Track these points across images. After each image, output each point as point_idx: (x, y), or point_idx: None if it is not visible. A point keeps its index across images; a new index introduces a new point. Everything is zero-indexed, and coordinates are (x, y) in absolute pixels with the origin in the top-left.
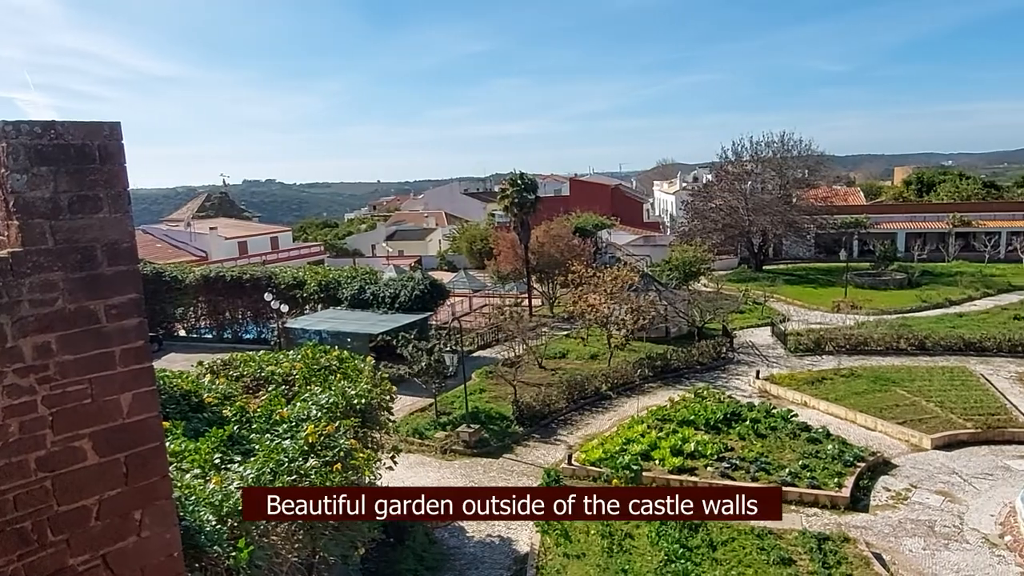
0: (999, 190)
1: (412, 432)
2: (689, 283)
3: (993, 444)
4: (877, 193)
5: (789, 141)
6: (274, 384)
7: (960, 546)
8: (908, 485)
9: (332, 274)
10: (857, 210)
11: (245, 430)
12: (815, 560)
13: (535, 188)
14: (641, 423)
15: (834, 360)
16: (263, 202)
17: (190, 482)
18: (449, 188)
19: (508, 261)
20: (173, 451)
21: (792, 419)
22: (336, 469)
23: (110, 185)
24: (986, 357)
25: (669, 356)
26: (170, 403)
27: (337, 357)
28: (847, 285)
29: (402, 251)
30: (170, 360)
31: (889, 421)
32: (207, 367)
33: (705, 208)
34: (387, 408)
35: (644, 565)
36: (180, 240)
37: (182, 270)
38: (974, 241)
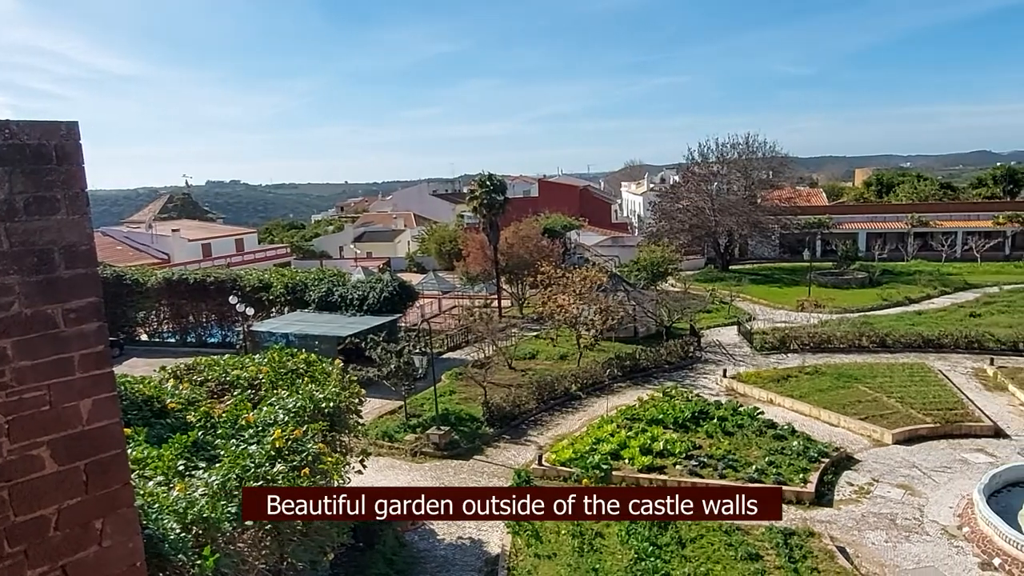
0: (955, 191)
1: (381, 435)
2: (657, 283)
3: (951, 438)
4: (839, 194)
5: (754, 143)
6: (240, 388)
7: (920, 538)
8: (870, 479)
9: (299, 276)
10: (820, 211)
11: (210, 436)
12: (781, 555)
13: (504, 189)
14: (611, 423)
15: (799, 358)
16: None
17: (153, 490)
18: (418, 189)
19: (477, 262)
20: (135, 458)
21: (758, 417)
22: (304, 474)
23: (68, 186)
24: (944, 354)
25: (638, 356)
26: (132, 409)
27: (304, 360)
28: (811, 284)
29: (370, 253)
30: (132, 365)
31: (852, 417)
32: (170, 372)
33: (672, 209)
34: (356, 411)
35: (615, 564)
36: (141, 242)
37: (143, 273)
38: (932, 241)
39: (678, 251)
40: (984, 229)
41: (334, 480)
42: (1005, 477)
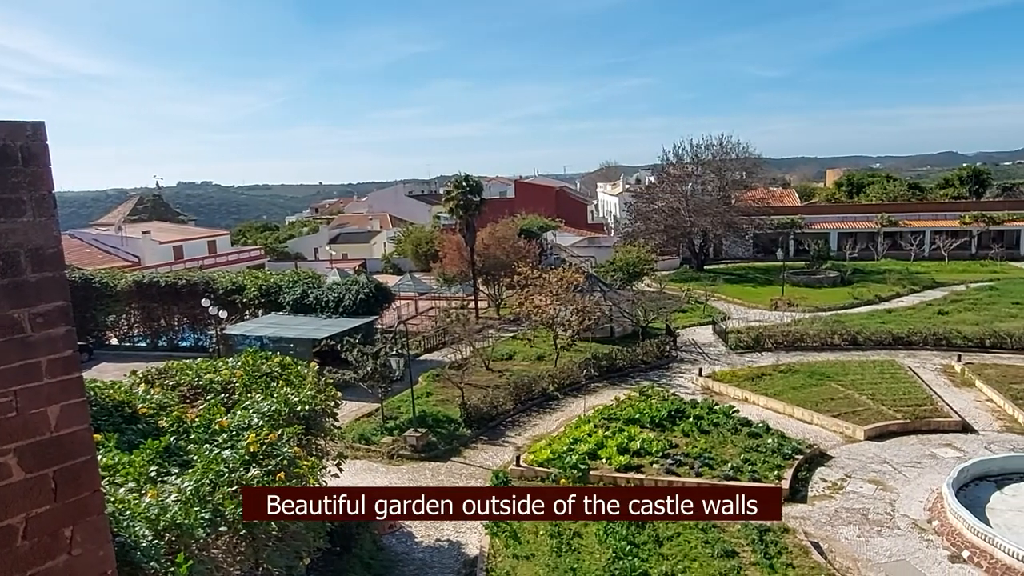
0: (923, 191)
1: (358, 438)
2: (633, 283)
3: (921, 433)
4: (811, 194)
5: (727, 144)
6: (213, 393)
7: (892, 532)
8: (843, 475)
9: (273, 278)
10: (792, 211)
11: (183, 441)
12: (757, 551)
13: (480, 190)
14: (588, 422)
15: (773, 356)
16: (199, 205)
17: (124, 496)
18: (394, 190)
19: (454, 263)
20: (105, 464)
21: (734, 415)
22: (279, 478)
23: (34, 188)
24: (913, 351)
25: (614, 356)
26: (102, 415)
27: (279, 363)
28: (784, 283)
29: (346, 254)
30: (101, 370)
31: (825, 414)
32: (141, 376)
33: (648, 209)
34: (332, 414)
35: (593, 563)
36: (111, 245)
37: (113, 276)
38: (901, 240)
39: (653, 251)
40: (951, 228)
41: (310, 484)
42: (973, 471)
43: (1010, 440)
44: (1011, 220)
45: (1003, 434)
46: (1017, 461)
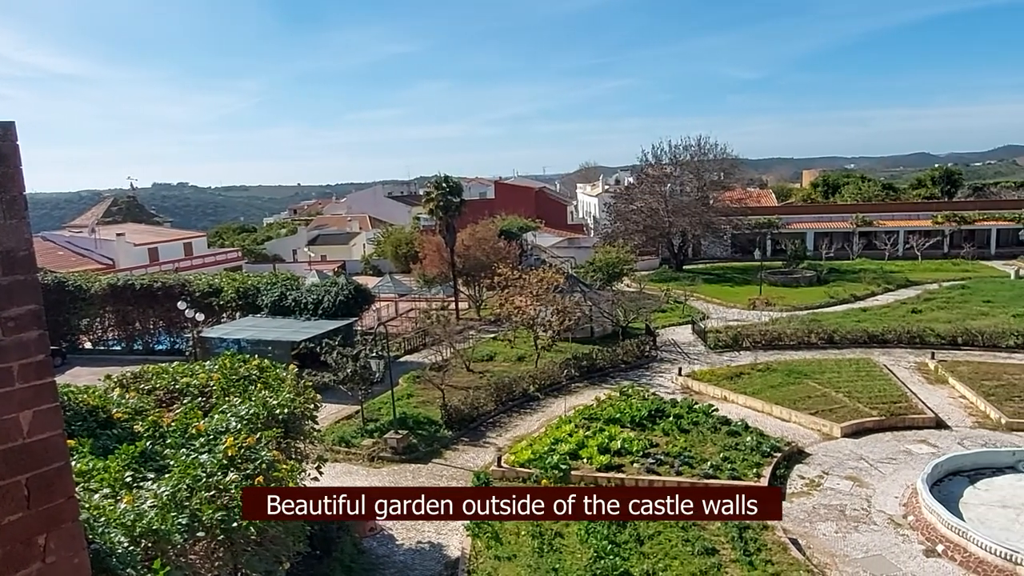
0: (896, 192)
1: (338, 440)
2: (613, 283)
3: (896, 430)
4: (787, 195)
5: (705, 145)
6: (190, 396)
7: (868, 528)
8: (820, 472)
9: (251, 280)
10: (769, 211)
11: (159, 446)
12: (737, 548)
13: (460, 191)
14: (569, 423)
15: (751, 355)
16: (175, 206)
17: (99, 503)
18: (373, 191)
19: (434, 264)
20: (80, 471)
21: (713, 414)
22: (258, 482)
23: (4, 189)
24: (888, 349)
25: (595, 356)
26: (76, 420)
27: (257, 366)
28: (762, 283)
29: (325, 256)
30: (75, 374)
31: (802, 412)
32: (116, 381)
33: (627, 210)
34: (311, 417)
35: (574, 563)
36: (84, 247)
37: (87, 279)
38: (875, 240)
39: (633, 252)
40: (924, 228)
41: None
42: (946, 467)
43: (982, 436)
44: (982, 220)
45: (975, 430)
46: (989, 456)
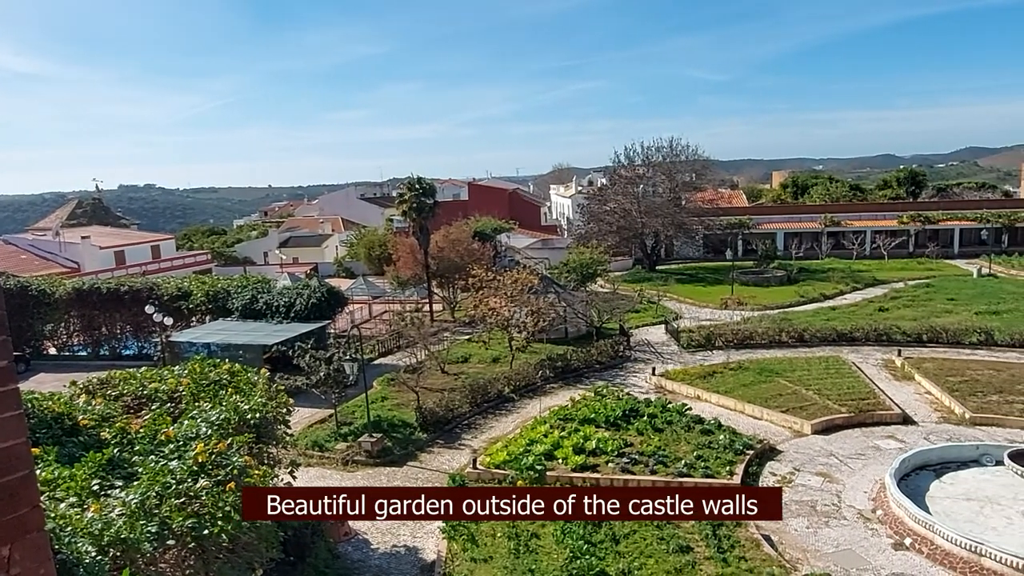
0: (863, 192)
1: (311, 444)
2: (586, 284)
3: (864, 426)
4: (758, 196)
5: (677, 146)
6: (158, 402)
7: (839, 522)
8: (792, 469)
9: (221, 283)
10: (740, 212)
11: (127, 453)
12: (711, 546)
13: (434, 192)
14: (544, 423)
15: (723, 355)
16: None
17: (65, 512)
18: (345, 193)
19: (408, 266)
20: (45, 479)
21: (686, 413)
22: (229, 488)
23: None
24: (856, 346)
25: (569, 356)
26: (40, 427)
27: (228, 371)
28: (733, 283)
29: (297, 258)
30: (39, 381)
31: (774, 410)
32: (82, 387)
33: (600, 211)
34: (284, 421)
35: (550, 563)
36: (48, 251)
37: (51, 283)
38: (843, 239)
39: (606, 252)
40: (890, 228)
41: None
42: (913, 461)
43: (947, 430)
44: (945, 220)
45: (941, 425)
46: (954, 451)
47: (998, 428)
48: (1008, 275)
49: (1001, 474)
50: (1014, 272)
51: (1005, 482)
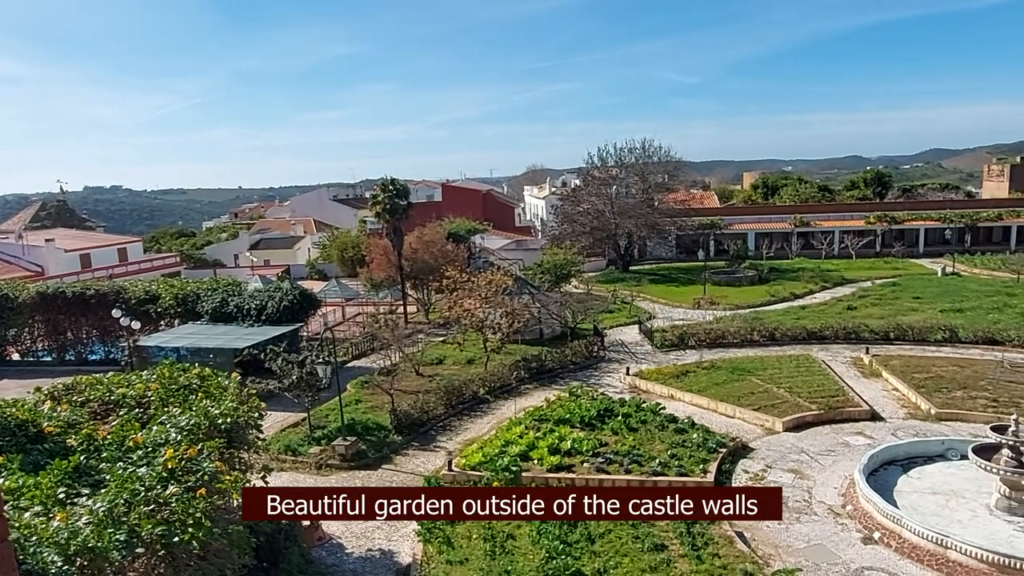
0: (832, 193)
1: (284, 449)
2: (561, 285)
3: (834, 423)
4: (729, 196)
5: (650, 148)
6: (126, 408)
7: (810, 518)
8: (764, 466)
9: (190, 286)
10: (712, 212)
11: (94, 460)
12: (685, 543)
13: (407, 194)
14: (519, 424)
15: (696, 354)
16: (109, 210)
17: (30, 521)
18: (317, 194)
19: (381, 268)
20: (9, 488)
21: (660, 412)
22: (200, 494)
23: None
24: (826, 344)
25: (544, 357)
26: (4, 435)
27: (198, 375)
28: (706, 283)
29: (268, 260)
30: (2, 387)
31: (746, 408)
32: (46, 393)
33: (574, 212)
34: (256, 426)
35: (526, 564)
36: (10, 254)
37: (14, 287)
38: (813, 239)
39: (580, 253)
40: (857, 228)
41: (234, 499)
42: (881, 457)
43: (914, 426)
44: (911, 220)
45: (907, 420)
46: (921, 446)
47: (962, 423)
48: (971, 274)
49: (965, 468)
50: (977, 271)
51: (969, 476)
